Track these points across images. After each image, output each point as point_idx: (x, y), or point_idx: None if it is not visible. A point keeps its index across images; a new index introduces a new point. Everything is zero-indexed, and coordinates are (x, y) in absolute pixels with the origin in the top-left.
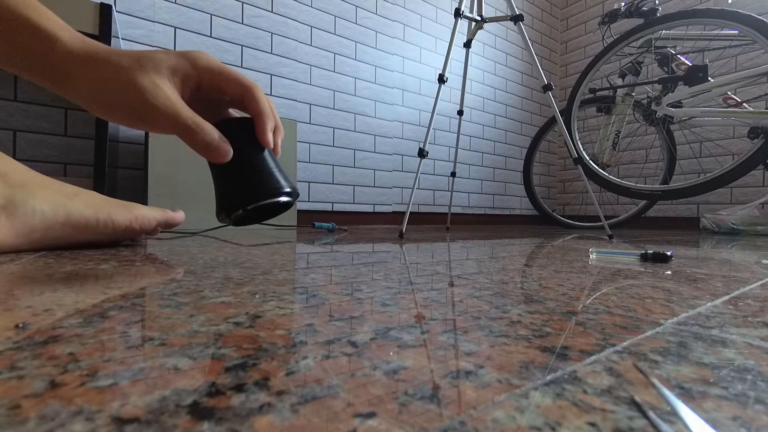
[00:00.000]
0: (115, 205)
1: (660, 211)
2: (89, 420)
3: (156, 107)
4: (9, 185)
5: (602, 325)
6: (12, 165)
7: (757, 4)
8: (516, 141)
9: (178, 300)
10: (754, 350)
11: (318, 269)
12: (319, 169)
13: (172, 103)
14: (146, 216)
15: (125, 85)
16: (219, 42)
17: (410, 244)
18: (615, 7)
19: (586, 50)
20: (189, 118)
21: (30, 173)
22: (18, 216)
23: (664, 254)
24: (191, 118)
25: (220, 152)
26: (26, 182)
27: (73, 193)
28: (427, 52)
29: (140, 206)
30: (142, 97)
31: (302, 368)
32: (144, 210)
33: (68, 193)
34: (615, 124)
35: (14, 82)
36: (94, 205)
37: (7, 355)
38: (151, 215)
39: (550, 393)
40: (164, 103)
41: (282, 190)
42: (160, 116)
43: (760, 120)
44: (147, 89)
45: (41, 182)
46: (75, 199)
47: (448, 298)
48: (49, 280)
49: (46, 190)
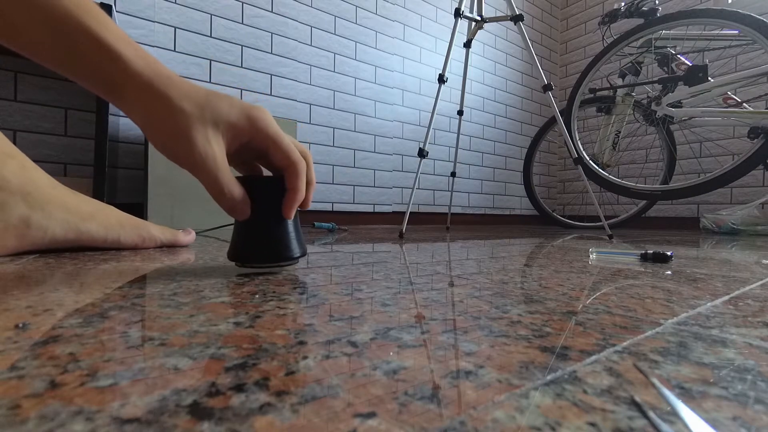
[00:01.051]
0: (126, 225)
1: (660, 211)
2: (89, 420)
3: (200, 164)
4: (29, 206)
5: (602, 325)
6: (39, 182)
7: (757, 4)
8: (516, 141)
9: (178, 300)
10: (754, 350)
11: (318, 269)
12: (319, 169)
13: (216, 166)
14: (154, 237)
15: (179, 132)
16: (219, 42)
17: (410, 244)
18: (615, 7)
19: (586, 50)
20: (225, 185)
21: (55, 191)
22: (28, 236)
23: (664, 254)
24: (227, 185)
25: (238, 213)
26: (47, 202)
27: (90, 215)
28: (427, 52)
29: (151, 226)
30: (191, 148)
31: (302, 368)
32: (153, 230)
33: (84, 215)
34: (615, 124)
35: (14, 82)
36: (106, 226)
37: (7, 355)
38: (158, 237)
39: (550, 393)
40: (209, 164)
41: (292, 256)
42: (200, 171)
43: (760, 120)
44: (198, 145)
45: (62, 201)
46: (90, 221)
47: (448, 298)
48: (49, 280)
49: (64, 212)
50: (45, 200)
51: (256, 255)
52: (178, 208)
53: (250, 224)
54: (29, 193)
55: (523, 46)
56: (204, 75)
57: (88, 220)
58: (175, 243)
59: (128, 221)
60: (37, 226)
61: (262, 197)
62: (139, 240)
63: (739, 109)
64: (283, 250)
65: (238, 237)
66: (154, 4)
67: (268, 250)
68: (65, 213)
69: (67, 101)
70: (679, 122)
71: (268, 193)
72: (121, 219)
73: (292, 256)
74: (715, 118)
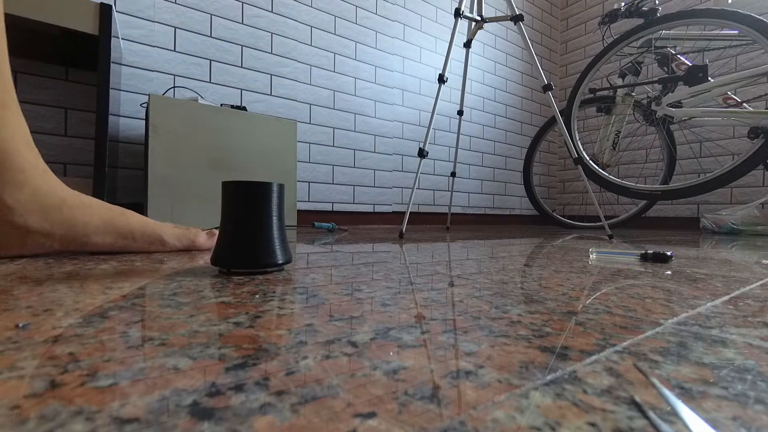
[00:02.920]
0: (138, 236)
1: (660, 211)
2: (89, 420)
3: None
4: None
5: (602, 325)
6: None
7: (757, 4)
8: (516, 141)
9: (178, 300)
10: (754, 350)
11: (318, 269)
12: (319, 169)
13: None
14: (166, 245)
15: None
16: (219, 42)
17: (410, 244)
18: (615, 7)
19: (586, 50)
20: None
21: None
22: (29, 245)
23: (664, 254)
24: None
25: None
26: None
27: (96, 229)
28: (427, 52)
29: (166, 233)
30: None
31: (302, 368)
32: (167, 237)
33: (91, 229)
34: (615, 124)
35: (14, 82)
36: (112, 243)
37: (7, 355)
38: (172, 245)
39: (550, 393)
40: None
41: (275, 262)
42: None
43: (760, 120)
44: None
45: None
46: (95, 236)
47: (448, 298)
48: (49, 280)
49: (69, 229)
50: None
51: (239, 261)
52: (177, 208)
53: (234, 230)
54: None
55: (523, 46)
56: (204, 75)
57: (94, 234)
58: (193, 248)
59: (141, 230)
60: (40, 234)
61: (248, 202)
62: (149, 250)
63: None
64: (267, 257)
65: (227, 237)
66: (154, 4)
67: (251, 257)
68: (71, 230)
69: (67, 101)
70: (679, 122)
71: (254, 198)
72: (134, 229)
73: (275, 263)
74: (715, 118)
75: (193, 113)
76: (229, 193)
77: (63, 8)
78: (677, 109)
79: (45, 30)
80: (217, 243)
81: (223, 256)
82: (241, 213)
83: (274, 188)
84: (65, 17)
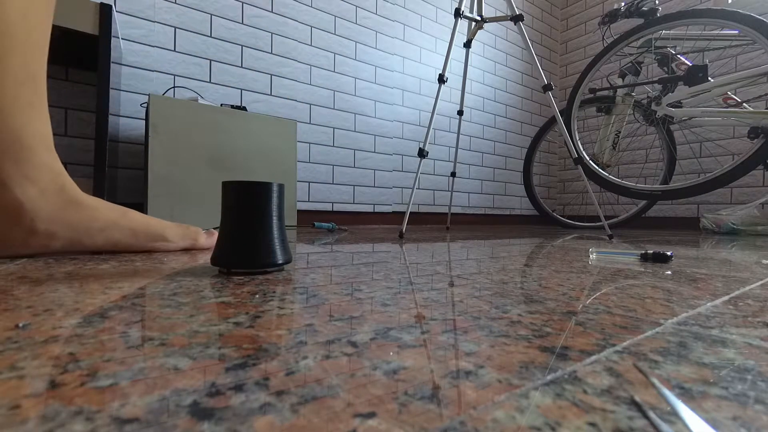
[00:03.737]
0: (141, 235)
1: (660, 211)
2: (89, 420)
3: None
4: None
5: (602, 325)
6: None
7: (757, 4)
8: (516, 141)
9: (178, 300)
10: (754, 350)
11: (318, 269)
12: (319, 169)
13: None
14: (169, 246)
15: None
16: (219, 42)
17: (410, 244)
18: (615, 7)
19: (586, 50)
20: None
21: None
22: (32, 245)
23: (664, 254)
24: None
25: None
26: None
27: (99, 231)
28: (427, 52)
29: (169, 232)
30: None
31: (302, 368)
32: (170, 237)
33: (93, 230)
34: (615, 124)
35: None
36: (115, 242)
37: (7, 355)
38: (175, 245)
39: (550, 393)
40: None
41: (275, 262)
42: None
43: (760, 120)
44: None
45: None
46: (98, 236)
47: (448, 298)
48: (49, 280)
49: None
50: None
51: (239, 261)
52: (177, 207)
53: (234, 230)
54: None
55: (523, 46)
56: (204, 75)
57: (97, 236)
58: (194, 247)
59: (145, 229)
60: (44, 235)
61: (248, 202)
62: (152, 248)
63: (739, 109)
64: (267, 257)
65: (227, 238)
66: (154, 4)
67: (251, 256)
68: (72, 231)
69: (67, 101)
70: (679, 122)
71: (254, 198)
72: (137, 228)
73: (275, 263)
74: (715, 118)
75: (193, 113)
76: (229, 193)
77: (63, 8)
78: (677, 109)
79: None
80: (217, 243)
81: (223, 256)
82: (241, 213)
83: (274, 188)
84: (65, 17)
